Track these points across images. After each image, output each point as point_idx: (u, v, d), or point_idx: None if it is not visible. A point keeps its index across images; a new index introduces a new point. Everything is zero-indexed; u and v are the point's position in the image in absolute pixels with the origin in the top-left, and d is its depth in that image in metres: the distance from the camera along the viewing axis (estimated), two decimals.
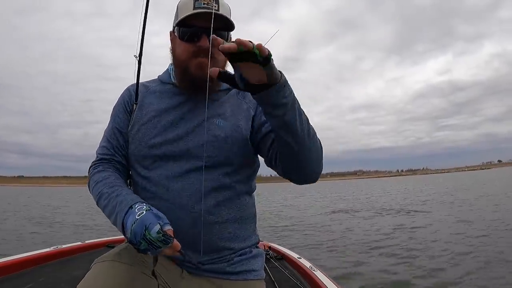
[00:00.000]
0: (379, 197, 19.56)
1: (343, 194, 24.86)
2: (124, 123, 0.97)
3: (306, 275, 1.84)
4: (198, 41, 0.87)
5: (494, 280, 3.69)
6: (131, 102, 0.99)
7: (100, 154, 0.97)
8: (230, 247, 0.91)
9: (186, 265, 0.90)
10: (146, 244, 0.70)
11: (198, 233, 0.86)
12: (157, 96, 0.98)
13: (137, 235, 0.70)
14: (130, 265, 0.82)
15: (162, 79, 1.02)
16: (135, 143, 0.93)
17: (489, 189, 19.31)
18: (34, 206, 17.57)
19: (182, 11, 0.88)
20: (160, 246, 0.69)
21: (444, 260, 4.58)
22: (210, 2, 0.86)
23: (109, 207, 0.83)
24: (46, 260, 1.97)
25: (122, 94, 1.02)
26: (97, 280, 0.77)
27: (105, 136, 0.99)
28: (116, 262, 0.82)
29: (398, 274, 4.13)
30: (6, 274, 1.68)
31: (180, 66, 0.92)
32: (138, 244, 0.71)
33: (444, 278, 3.89)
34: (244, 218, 0.95)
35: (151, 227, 0.69)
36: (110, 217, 0.83)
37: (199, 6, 0.85)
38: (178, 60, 0.92)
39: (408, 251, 5.27)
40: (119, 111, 1.00)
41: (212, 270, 0.90)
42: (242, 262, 0.93)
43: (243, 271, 0.92)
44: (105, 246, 2.41)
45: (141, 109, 0.97)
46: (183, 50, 0.89)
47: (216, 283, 0.89)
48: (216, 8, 0.85)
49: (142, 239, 0.70)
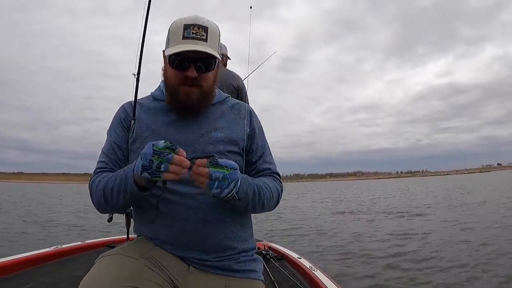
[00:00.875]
0: (384, 199, 19.22)
1: (345, 195, 24.48)
2: (123, 138, 1.00)
3: (306, 275, 1.85)
4: (186, 71, 0.92)
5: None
6: (127, 119, 1.02)
7: (98, 169, 0.98)
8: (233, 247, 0.96)
9: (193, 261, 0.92)
10: (157, 158, 0.75)
11: (206, 232, 0.91)
12: (151, 113, 1.02)
13: (147, 154, 0.76)
14: (135, 259, 0.84)
15: (155, 96, 1.07)
16: (138, 157, 0.93)
17: (495, 192, 18.97)
18: (27, 203, 17.34)
19: (172, 39, 0.93)
20: (169, 152, 0.75)
21: (454, 266, 4.44)
22: (199, 31, 0.91)
23: (117, 181, 0.86)
24: (46, 260, 1.97)
25: (118, 112, 1.05)
26: (104, 271, 0.78)
27: (103, 152, 1.01)
28: (122, 255, 0.84)
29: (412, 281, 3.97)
30: (6, 274, 1.68)
31: (170, 89, 0.98)
32: (150, 163, 0.75)
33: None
34: (244, 222, 1.01)
35: (157, 143, 0.76)
36: (120, 190, 0.86)
37: (188, 35, 0.90)
38: (168, 83, 0.99)
39: (419, 260, 4.89)
40: (116, 127, 1.02)
41: (218, 267, 0.93)
42: (246, 262, 0.97)
43: (247, 270, 0.96)
44: (105, 246, 2.41)
45: (140, 125, 1.00)
46: (173, 75, 0.95)
47: (222, 279, 0.92)
48: (204, 37, 0.91)
49: (153, 155, 0.75)
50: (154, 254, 0.88)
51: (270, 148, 1.12)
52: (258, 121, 1.11)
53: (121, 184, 0.85)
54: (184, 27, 0.91)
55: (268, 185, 0.98)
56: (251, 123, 1.07)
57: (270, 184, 0.99)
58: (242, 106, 1.10)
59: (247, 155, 1.04)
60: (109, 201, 0.89)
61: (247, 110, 1.08)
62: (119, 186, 0.85)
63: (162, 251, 0.91)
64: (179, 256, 0.91)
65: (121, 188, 0.85)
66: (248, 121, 1.06)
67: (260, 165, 1.05)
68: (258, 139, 1.08)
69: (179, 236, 0.90)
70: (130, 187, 0.83)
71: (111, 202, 0.89)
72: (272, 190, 0.98)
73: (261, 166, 1.05)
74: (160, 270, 0.85)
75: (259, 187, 0.93)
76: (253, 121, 1.08)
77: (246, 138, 1.03)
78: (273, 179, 1.04)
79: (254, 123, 1.08)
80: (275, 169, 1.08)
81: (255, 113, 1.12)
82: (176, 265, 0.90)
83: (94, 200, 0.93)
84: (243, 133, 1.03)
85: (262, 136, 1.10)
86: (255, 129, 1.08)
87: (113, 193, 0.87)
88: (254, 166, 1.04)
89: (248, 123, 1.06)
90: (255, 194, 0.91)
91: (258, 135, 1.08)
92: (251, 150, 1.05)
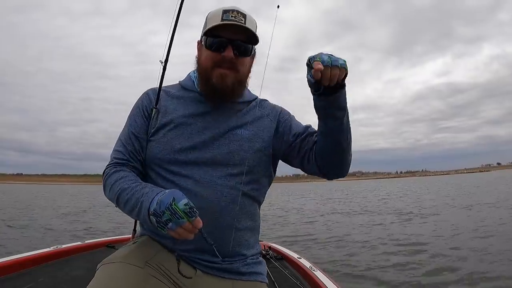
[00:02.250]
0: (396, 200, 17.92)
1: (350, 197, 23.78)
2: (142, 128, 0.97)
3: (306, 275, 1.84)
4: (223, 52, 0.90)
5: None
6: (150, 107, 0.98)
7: (115, 158, 0.95)
8: (243, 253, 0.96)
9: (200, 264, 0.91)
10: (169, 215, 0.71)
11: (219, 237, 0.89)
12: (181, 103, 0.99)
13: (163, 204, 0.72)
14: (139, 267, 0.81)
15: (184, 85, 1.03)
16: (159, 148, 0.93)
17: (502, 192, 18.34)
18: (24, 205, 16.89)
19: (211, 21, 0.91)
20: (183, 217, 0.70)
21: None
22: (238, 16, 0.89)
23: (132, 200, 0.83)
24: (46, 260, 1.96)
25: (141, 97, 1.01)
26: (109, 283, 0.76)
27: (120, 140, 0.98)
28: (125, 264, 0.81)
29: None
30: (6, 274, 1.68)
31: (203, 75, 0.95)
32: (161, 214, 0.72)
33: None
34: (255, 228, 1.01)
35: (178, 200, 0.72)
36: (133, 209, 0.83)
37: (227, 18, 0.89)
38: (201, 67, 0.95)
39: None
40: (136, 115, 0.99)
41: (226, 269, 0.92)
42: (251, 264, 0.97)
43: (253, 273, 0.96)
44: (105, 246, 2.41)
45: (165, 114, 0.97)
46: (208, 58, 0.92)
47: (229, 282, 0.91)
48: (243, 21, 0.89)
49: (167, 209, 0.71)
50: (160, 259, 0.86)
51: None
52: (288, 112, 1.07)
53: (136, 205, 0.82)
54: (223, 11, 0.89)
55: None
56: (277, 117, 1.04)
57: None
58: (268, 103, 1.07)
59: (286, 138, 0.99)
60: (121, 208, 0.88)
61: (273, 107, 1.06)
62: (133, 206, 0.83)
63: (168, 254, 0.89)
64: (187, 257, 0.90)
65: (135, 208, 0.82)
66: (275, 117, 1.03)
67: (309, 129, 1.00)
68: (295, 121, 1.04)
69: (192, 240, 0.89)
70: (143, 216, 0.80)
71: (123, 210, 0.88)
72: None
73: (311, 130, 0.99)
74: (166, 277, 0.84)
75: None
76: (282, 114, 1.05)
77: (273, 133, 1.01)
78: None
79: (282, 116, 1.05)
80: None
81: (283, 109, 1.08)
82: (183, 268, 0.88)
83: (107, 194, 0.92)
84: (270, 130, 1.01)
85: (296, 121, 1.05)
86: (286, 118, 1.04)
87: (126, 207, 0.85)
88: (305, 134, 0.98)
89: (275, 118, 1.03)
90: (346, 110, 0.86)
91: (292, 121, 1.04)
92: (292, 131, 1.00)
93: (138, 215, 0.82)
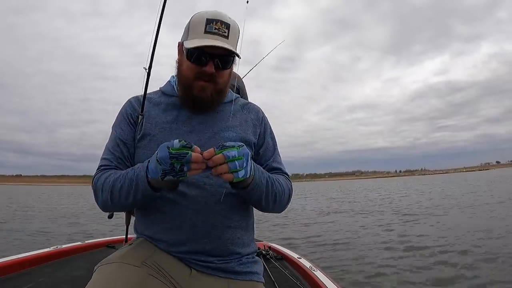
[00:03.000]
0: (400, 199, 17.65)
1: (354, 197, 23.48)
2: (128, 134, 0.97)
3: (306, 275, 1.85)
4: (204, 66, 0.90)
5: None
6: (134, 114, 0.99)
7: (102, 166, 0.95)
8: (238, 252, 0.96)
9: (195, 264, 0.91)
10: (176, 160, 0.72)
11: (214, 237, 0.90)
12: (162, 108, 0.99)
13: (164, 158, 0.73)
14: (137, 267, 0.81)
15: (165, 91, 1.04)
16: (147, 153, 0.92)
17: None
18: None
19: (193, 31, 0.91)
20: (187, 152, 0.72)
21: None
22: (222, 28, 0.89)
23: (126, 181, 0.84)
24: (46, 260, 1.97)
25: (124, 106, 1.02)
26: (106, 282, 0.76)
27: (107, 148, 0.97)
28: (122, 264, 0.81)
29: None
30: (6, 274, 1.68)
31: (184, 83, 0.95)
32: (171, 167, 0.73)
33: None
34: (248, 226, 1.01)
35: (171, 145, 0.73)
36: (129, 191, 0.83)
37: (210, 30, 0.89)
38: (182, 76, 0.95)
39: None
40: (121, 123, 0.99)
41: (221, 268, 0.92)
42: (247, 264, 0.97)
43: (249, 272, 0.96)
44: (105, 246, 2.42)
45: (149, 120, 0.97)
46: (189, 69, 0.92)
47: (224, 282, 0.91)
48: (226, 34, 0.90)
49: (171, 158, 0.72)
50: (156, 259, 0.87)
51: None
52: (268, 122, 1.11)
53: (131, 184, 0.83)
54: (206, 21, 0.89)
55: (279, 180, 0.97)
56: (261, 123, 1.07)
57: (281, 179, 0.99)
58: (252, 106, 1.10)
59: (257, 155, 1.03)
60: (116, 201, 0.87)
61: (257, 110, 1.08)
62: (129, 186, 0.83)
63: (164, 255, 0.89)
64: (182, 258, 0.90)
65: (131, 188, 0.83)
66: (259, 121, 1.06)
67: (271, 164, 1.04)
68: (268, 139, 1.07)
69: (186, 240, 0.89)
70: (142, 187, 0.81)
71: (118, 202, 0.87)
72: (283, 185, 0.98)
73: (272, 165, 1.04)
74: (163, 276, 0.84)
75: (271, 178, 0.93)
76: (264, 122, 1.08)
77: (257, 138, 1.03)
78: (284, 178, 1.03)
79: (264, 124, 1.08)
80: (285, 170, 1.07)
81: (264, 113, 1.11)
82: (179, 269, 0.89)
83: (99, 199, 0.90)
84: (254, 134, 1.03)
85: (272, 137, 1.10)
86: (265, 129, 1.07)
87: (122, 193, 0.85)
88: (265, 165, 1.03)
89: (259, 123, 1.06)
90: (268, 183, 0.90)
91: (269, 135, 1.08)
92: (262, 150, 1.04)
93: (136, 192, 0.82)
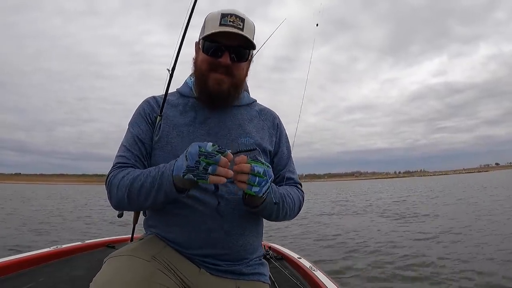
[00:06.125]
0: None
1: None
2: (146, 134, 0.95)
3: (306, 275, 1.85)
4: (220, 57, 0.90)
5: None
6: (152, 114, 0.97)
7: (118, 163, 0.92)
8: (247, 257, 0.96)
9: (204, 265, 0.91)
10: (204, 159, 0.71)
11: (227, 242, 0.91)
12: (179, 110, 0.99)
13: (193, 153, 0.72)
14: (147, 261, 0.82)
15: (182, 92, 1.03)
16: (163, 155, 0.92)
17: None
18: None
19: (209, 25, 0.91)
20: (216, 154, 0.71)
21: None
22: (236, 20, 0.89)
23: (148, 179, 0.82)
24: (46, 260, 1.96)
25: (141, 105, 1.01)
26: (116, 274, 0.76)
27: (124, 146, 0.95)
28: (133, 257, 0.81)
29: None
30: (5, 274, 1.68)
31: (200, 78, 0.95)
32: (197, 164, 0.72)
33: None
34: (259, 232, 1.02)
35: (204, 145, 0.73)
36: (151, 189, 0.82)
37: (225, 23, 0.89)
38: (198, 70, 0.96)
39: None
40: (139, 121, 0.97)
41: (229, 271, 0.93)
42: (255, 266, 0.98)
43: (256, 273, 0.97)
44: (105, 246, 2.41)
45: (167, 122, 0.96)
46: (204, 61, 0.92)
47: (232, 282, 0.92)
48: (241, 26, 0.89)
49: (200, 155, 0.71)
50: (166, 255, 0.87)
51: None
52: (284, 128, 1.11)
53: (154, 183, 0.81)
54: (221, 15, 0.89)
55: (291, 194, 0.98)
56: (277, 131, 1.07)
57: (293, 193, 0.99)
58: (268, 112, 1.09)
59: (271, 163, 1.03)
60: (134, 200, 0.85)
61: (274, 117, 1.08)
62: (151, 185, 0.81)
63: (173, 251, 0.90)
64: (192, 258, 0.90)
65: (153, 187, 0.81)
66: (275, 129, 1.06)
67: (284, 173, 1.04)
68: (283, 147, 1.07)
69: (200, 244, 0.90)
70: (166, 187, 0.80)
71: (137, 201, 0.85)
72: (294, 200, 0.99)
73: (285, 174, 1.03)
74: (172, 272, 0.84)
75: (283, 195, 0.93)
76: (279, 129, 1.08)
77: (273, 146, 1.03)
78: (296, 189, 1.03)
79: (280, 131, 1.08)
80: (297, 179, 1.07)
81: (280, 120, 1.11)
82: (188, 266, 0.89)
83: (114, 197, 0.87)
84: (271, 143, 1.03)
85: (287, 145, 1.09)
86: (281, 137, 1.07)
87: (142, 192, 0.83)
88: (278, 175, 1.03)
89: (275, 131, 1.06)
90: (279, 204, 0.91)
91: (284, 144, 1.08)
92: (276, 159, 1.04)
93: (158, 191, 0.81)
